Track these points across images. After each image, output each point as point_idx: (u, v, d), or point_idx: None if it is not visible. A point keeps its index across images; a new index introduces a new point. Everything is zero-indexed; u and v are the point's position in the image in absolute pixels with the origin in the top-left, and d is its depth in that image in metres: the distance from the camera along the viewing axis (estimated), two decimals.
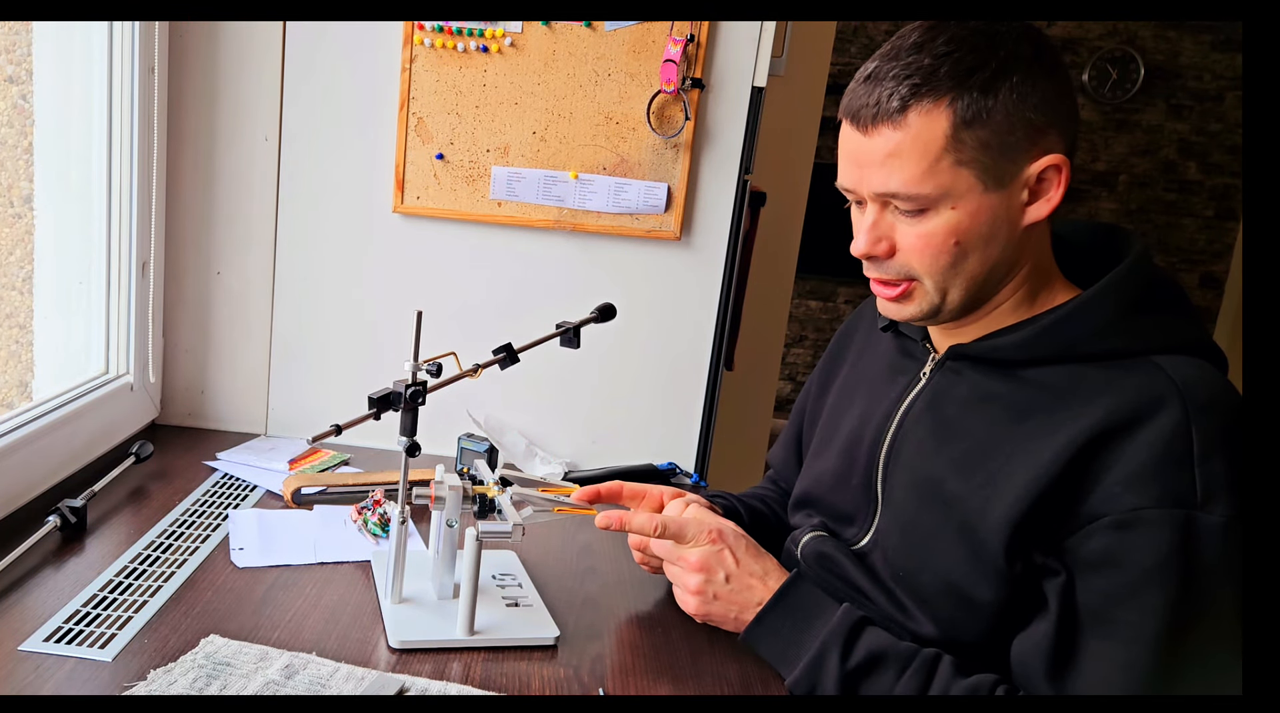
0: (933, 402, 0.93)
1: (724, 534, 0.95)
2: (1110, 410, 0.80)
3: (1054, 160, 0.83)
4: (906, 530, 0.92)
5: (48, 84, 1.25)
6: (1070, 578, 0.81)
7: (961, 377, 0.92)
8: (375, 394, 0.94)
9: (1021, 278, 0.89)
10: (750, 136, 1.43)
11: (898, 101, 0.82)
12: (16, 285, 1.28)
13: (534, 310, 1.44)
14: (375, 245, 1.46)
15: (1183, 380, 0.80)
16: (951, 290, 0.88)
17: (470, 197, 1.43)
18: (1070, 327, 0.86)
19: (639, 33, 1.37)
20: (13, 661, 0.84)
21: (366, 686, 0.86)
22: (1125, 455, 0.79)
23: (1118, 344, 0.84)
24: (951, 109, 0.81)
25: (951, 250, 0.85)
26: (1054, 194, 0.84)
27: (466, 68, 1.39)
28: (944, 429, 0.91)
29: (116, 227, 1.33)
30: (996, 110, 0.81)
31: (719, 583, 0.94)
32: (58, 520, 1.07)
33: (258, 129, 1.41)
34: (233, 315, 1.48)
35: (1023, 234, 0.86)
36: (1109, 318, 0.85)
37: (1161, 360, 0.83)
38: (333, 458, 1.42)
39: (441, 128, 1.41)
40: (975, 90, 0.81)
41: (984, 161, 0.82)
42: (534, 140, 1.41)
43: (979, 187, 0.83)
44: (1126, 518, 0.78)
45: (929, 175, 0.82)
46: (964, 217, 0.84)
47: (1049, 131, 0.83)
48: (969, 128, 0.81)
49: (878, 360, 1.05)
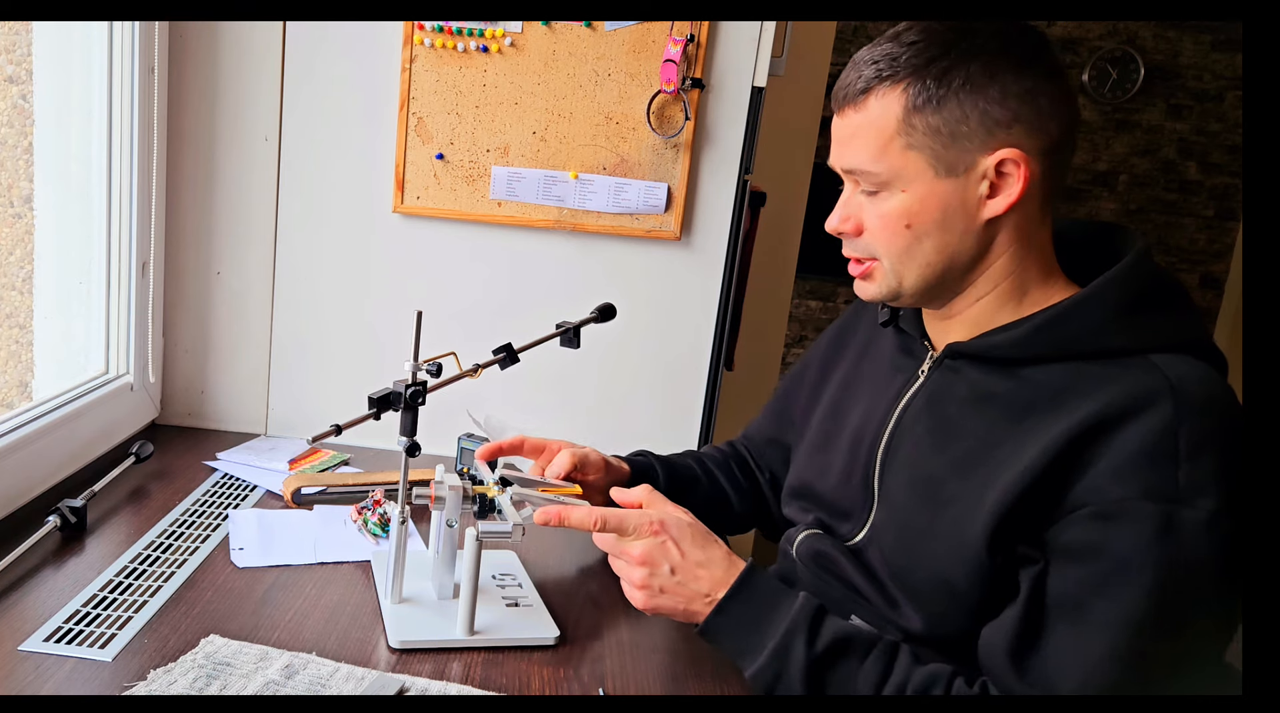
0: (932, 400, 0.94)
1: (666, 525, 0.92)
2: (1103, 405, 0.80)
3: (1009, 154, 0.84)
4: (903, 529, 0.92)
5: (48, 84, 1.25)
6: (1046, 566, 0.81)
7: (960, 375, 0.92)
8: (375, 394, 0.94)
9: (998, 272, 0.90)
10: (750, 136, 1.43)
11: (861, 84, 0.87)
12: (16, 285, 1.28)
13: (534, 310, 1.44)
14: (375, 245, 1.46)
15: (1177, 378, 0.80)
16: (907, 274, 0.90)
17: (470, 196, 1.43)
18: (1067, 324, 0.86)
19: (639, 33, 1.37)
20: (13, 661, 0.84)
21: (366, 686, 0.86)
22: (1112, 449, 0.79)
23: (1116, 342, 0.85)
24: (905, 94, 0.84)
25: (904, 233, 0.88)
26: (1013, 189, 0.85)
27: (466, 68, 1.39)
28: (943, 429, 0.91)
29: (116, 227, 1.33)
30: (949, 99, 0.83)
31: (664, 576, 0.91)
32: (58, 520, 1.07)
33: (258, 129, 1.41)
34: (233, 315, 1.48)
35: (986, 228, 0.87)
36: (1107, 316, 0.85)
37: (1158, 359, 0.83)
38: (333, 458, 1.42)
39: (441, 128, 1.41)
40: (929, 78, 0.84)
41: (934, 148, 0.85)
42: (534, 140, 1.41)
43: (929, 172, 0.85)
44: (1108, 509, 0.78)
45: (881, 156, 0.86)
46: (914, 200, 0.86)
47: (1012, 126, 0.83)
48: (919, 113, 0.84)
49: (880, 358, 1.05)
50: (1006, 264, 0.89)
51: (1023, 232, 0.89)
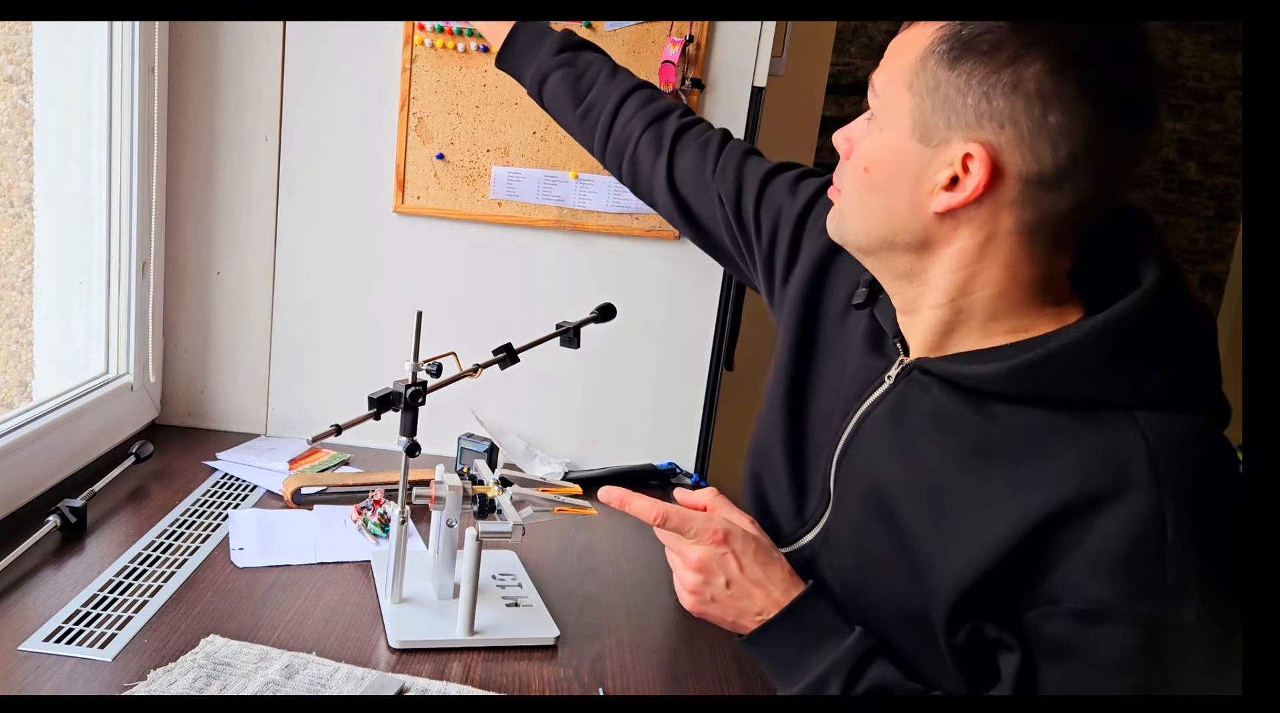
0: (894, 410, 0.87)
1: (731, 537, 0.87)
2: (1076, 483, 0.73)
3: (976, 151, 0.75)
4: (861, 550, 0.88)
5: (48, 84, 1.25)
6: (1027, 658, 0.76)
7: (927, 393, 0.85)
8: (375, 394, 0.94)
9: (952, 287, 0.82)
10: (750, 137, 1.43)
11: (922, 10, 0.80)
12: (16, 285, 1.28)
13: (534, 310, 1.44)
14: (375, 245, 1.46)
15: (1162, 450, 0.73)
16: (849, 221, 0.86)
17: (470, 196, 1.43)
18: (1050, 368, 0.77)
19: (639, 33, 1.37)
20: (13, 661, 0.84)
21: (366, 686, 0.86)
22: (1091, 537, 0.72)
23: (1099, 392, 0.76)
24: (937, 34, 0.77)
25: (862, 174, 0.83)
26: (961, 193, 0.76)
27: (467, 68, 1.39)
28: (902, 448, 0.85)
29: (116, 227, 1.33)
30: (964, 60, 0.75)
31: (718, 587, 0.87)
32: (58, 520, 1.07)
33: (258, 129, 1.41)
34: (233, 315, 1.48)
35: (936, 221, 0.79)
36: (1095, 361, 0.76)
37: (1144, 419, 0.74)
38: (333, 458, 1.42)
39: (442, 128, 1.41)
40: (965, 30, 0.75)
41: (924, 102, 0.77)
42: (534, 140, 1.41)
43: (907, 123, 0.79)
44: (1091, 608, 0.72)
45: (889, 81, 0.80)
46: (881, 145, 0.81)
47: (1005, 127, 0.74)
48: (933, 57, 0.77)
49: (851, 339, 0.97)
50: (967, 279, 0.81)
51: (993, 254, 0.79)
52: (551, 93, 1.22)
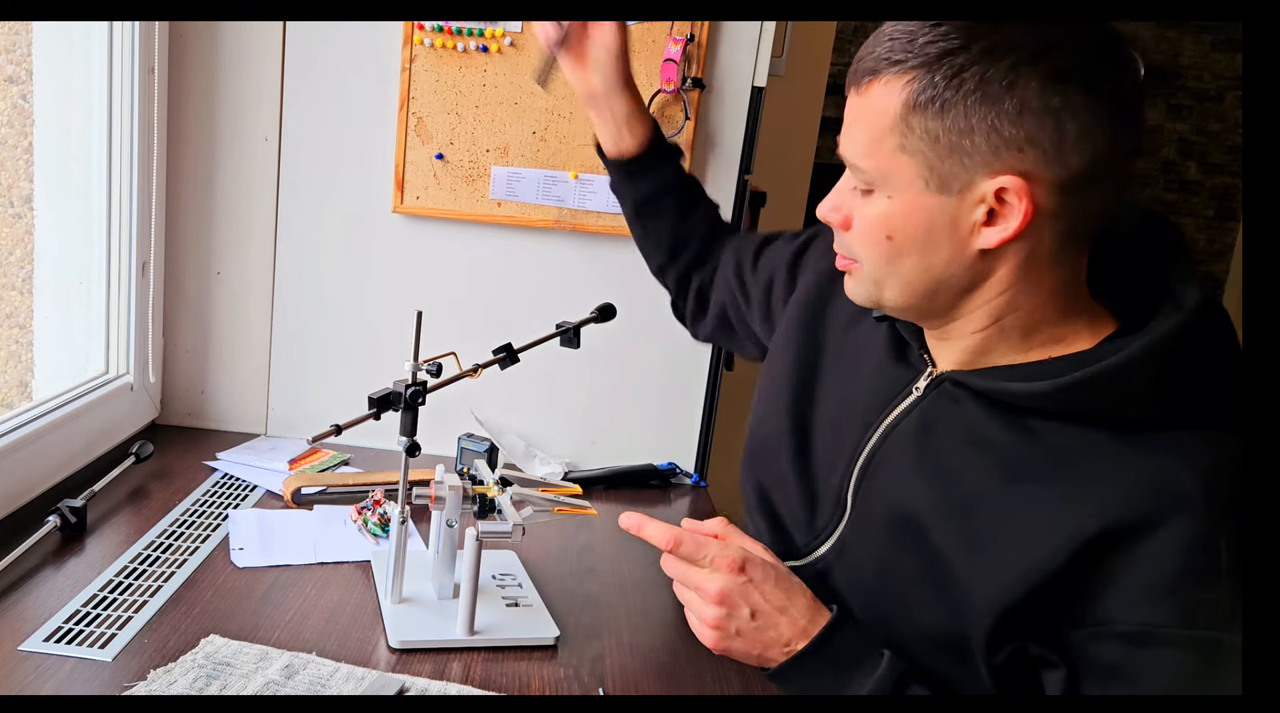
0: (922, 426, 0.84)
1: (749, 564, 0.82)
2: (1124, 504, 0.72)
3: (1010, 183, 0.72)
4: (884, 569, 0.84)
5: (48, 84, 1.25)
6: (1071, 677, 0.75)
7: (959, 406, 0.82)
8: (375, 394, 0.94)
9: (999, 308, 0.80)
10: (750, 136, 1.43)
11: (870, 63, 0.76)
12: (16, 285, 1.28)
13: (534, 310, 1.44)
14: (375, 245, 1.46)
15: (1209, 472, 0.72)
16: (887, 287, 0.81)
17: (470, 197, 1.43)
18: (1101, 388, 0.75)
19: (639, 33, 1.37)
20: (13, 661, 0.84)
21: (366, 686, 0.86)
22: (1142, 559, 0.71)
23: (1143, 413, 0.75)
24: (909, 88, 0.73)
25: (884, 243, 0.79)
26: (1011, 222, 0.74)
27: (466, 68, 1.39)
28: (930, 464, 0.82)
29: (116, 227, 1.33)
30: (955, 103, 0.72)
31: (743, 619, 0.82)
32: (58, 520, 1.07)
33: (258, 129, 1.41)
34: (233, 315, 1.48)
35: (981, 258, 0.77)
36: (1145, 383, 0.74)
37: (1187, 440, 0.73)
38: (333, 458, 1.42)
39: (441, 128, 1.41)
40: (939, 74, 0.72)
41: (928, 156, 0.74)
42: (534, 140, 1.41)
43: (918, 183, 0.75)
44: (1144, 632, 0.71)
45: (871, 152, 0.77)
46: (897, 210, 0.77)
47: (1025, 149, 0.72)
48: (919, 112, 0.73)
49: (870, 349, 0.94)
50: (1010, 300, 0.79)
51: (1032, 270, 0.78)
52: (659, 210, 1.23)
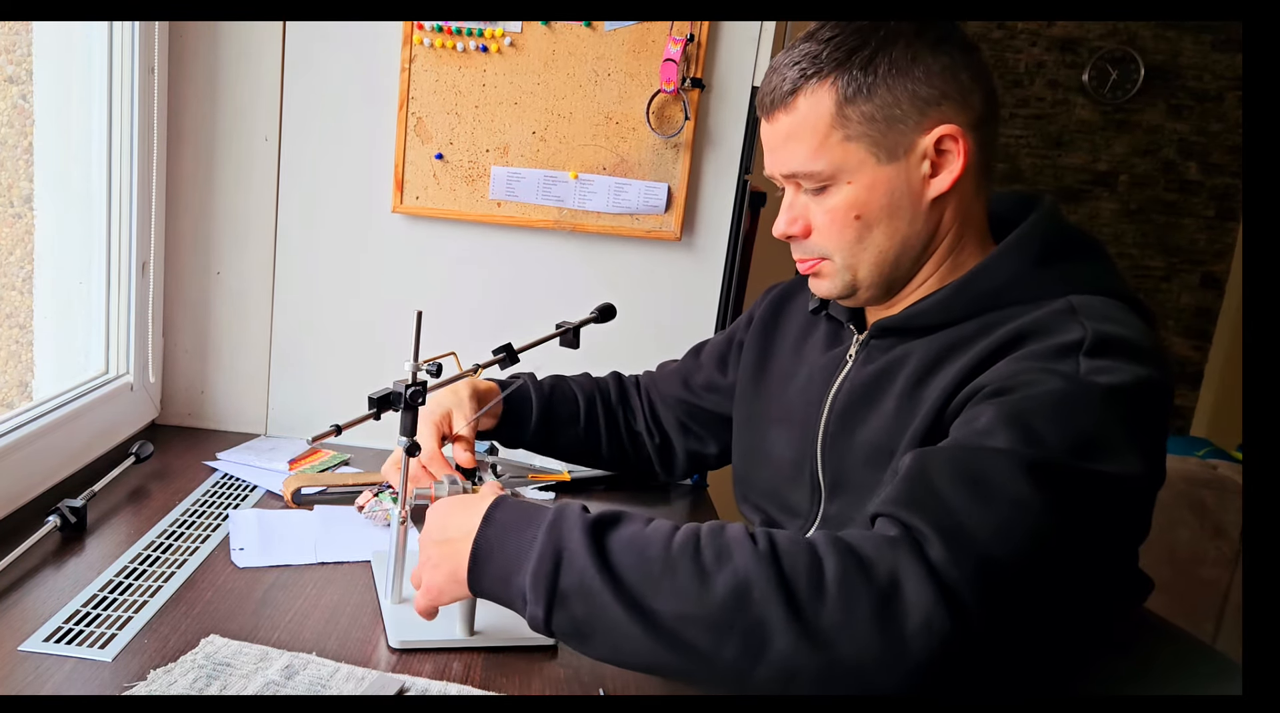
0: (857, 383, 0.94)
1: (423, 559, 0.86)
2: (1016, 326, 0.83)
3: (947, 130, 0.86)
4: (859, 501, 0.90)
5: (48, 84, 1.25)
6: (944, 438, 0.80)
7: (887, 350, 0.93)
8: (375, 394, 0.94)
9: (943, 253, 0.92)
10: (750, 136, 1.43)
11: (788, 86, 0.87)
12: (16, 285, 1.28)
13: (534, 310, 1.44)
14: (375, 245, 1.46)
15: (1090, 311, 0.82)
16: (861, 267, 0.91)
17: (470, 197, 1.43)
18: (981, 281, 0.88)
19: (639, 32, 1.37)
20: (13, 661, 0.84)
21: (366, 686, 0.86)
22: (1019, 352, 0.81)
23: (1031, 292, 0.87)
24: (835, 88, 0.86)
25: (854, 225, 0.89)
26: (955, 165, 0.87)
27: (466, 68, 1.39)
28: (872, 396, 0.92)
29: (116, 227, 1.33)
30: (878, 85, 0.85)
31: (429, 545, 0.84)
32: (58, 520, 1.07)
33: (258, 129, 1.41)
34: (233, 315, 1.48)
35: (932, 207, 0.89)
36: (1020, 268, 0.88)
37: (1075, 299, 0.85)
38: (333, 458, 1.42)
39: (441, 128, 1.41)
40: (855, 68, 0.85)
41: (872, 135, 0.86)
42: (534, 140, 1.41)
43: (871, 160, 0.87)
44: (1008, 384, 0.78)
45: (820, 152, 0.87)
46: (861, 190, 0.88)
47: (941, 103, 0.86)
48: (851, 103, 0.85)
49: (814, 347, 1.05)
50: (949, 243, 0.92)
51: (961, 209, 0.91)
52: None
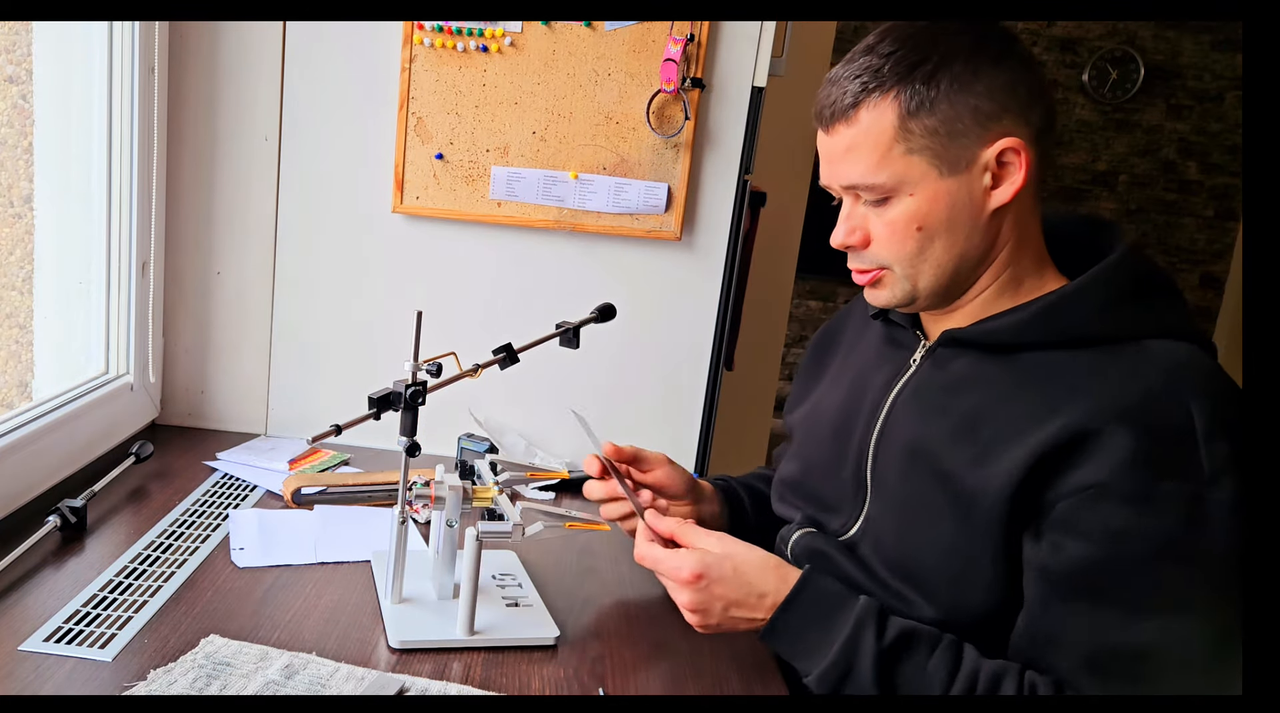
0: (922, 385, 0.95)
1: (705, 571, 0.90)
2: (1111, 391, 0.82)
3: (1009, 143, 0.86)
4: (902, 511, 0.92)
5: (48, 84, 1.25)
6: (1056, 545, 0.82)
7: (955, 360, 0.94)
8: (375, 394, 0.94)
9: (1001, 264, 0.92)
10: (750, 136, 1.43)
11: (849, 99, 0.88)
12: (16, 285, 1.28)
13: (534, 310, 1.44)
14: (375, 245, 1.46)
15: (1175, 364, 0.83)
16: (921, 277, 0.91)
17: (470, 197, 1.43)
18: (1064, 313, 0.88)
19: (639, 32, 1.37)
20: (13, 661, 0.84)
21: (366, 686, 0.86)
22: (1126, 435, 0.79)
23: (1110, 330, 0.87)
24: (897, 102, 0.86)
25: (915, 236, 0.89)
26: (1016, 177, 0.87)
27: (466, 68, 1.39)
28: (934, 408, 0.92)
29: (116, 227, 1.33)
30: (940, 99, 0.85)
31: (717, 613, 0.91)
32: (58, 520, 1.07)
33: (258, 129, 1.41)
34: (233, 315, 1.48)
35: (991, 220, 0.89)
36: (1102, 304, 0.88)
37: (1152, 344, 0.85)
38: (333, 458, 1.42)
39: (441, 127, 1.41)
40: (918, 82, 0.86)
41: (934, 148, 0.86)
42: (534, 140, 1.41)
43: (933, 173, 0.87)
44: (1133, 491, 0.78)
45: (883, 165, 0.87)
46: (923, 202, 0.88)
47: (1002, 117, 0.86)
48: (914, 117, 0.86)
49: (868, 350, 1.06)
50: (1007, 255, 0.92)
51: (1020, 221, 0.91)
52: None
